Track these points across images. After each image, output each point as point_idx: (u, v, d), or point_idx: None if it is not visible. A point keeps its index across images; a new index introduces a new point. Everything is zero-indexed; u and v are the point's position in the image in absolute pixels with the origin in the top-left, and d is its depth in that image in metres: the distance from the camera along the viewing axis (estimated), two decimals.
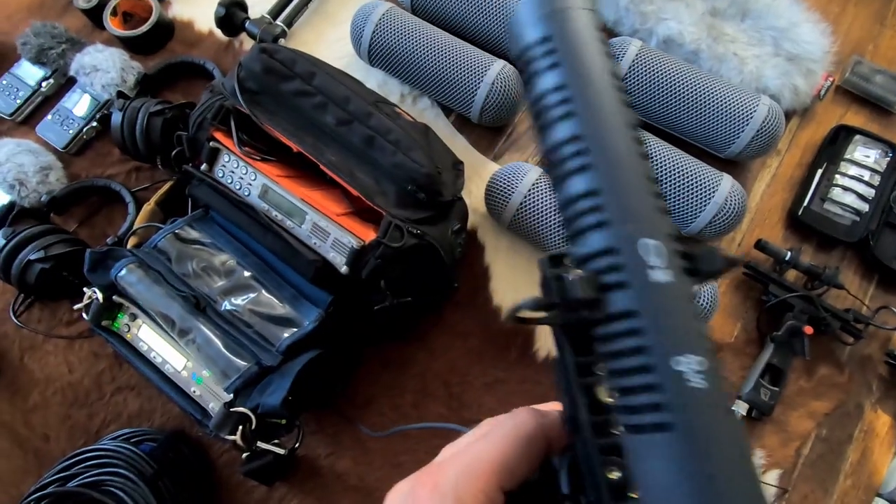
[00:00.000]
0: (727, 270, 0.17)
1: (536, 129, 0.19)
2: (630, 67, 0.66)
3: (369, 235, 0.52)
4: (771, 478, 0.59)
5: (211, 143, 0.56)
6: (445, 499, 0.17)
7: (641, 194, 0.17)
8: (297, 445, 0.54)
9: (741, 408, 0.60)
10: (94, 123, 0.72)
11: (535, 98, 0.19)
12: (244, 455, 0.51)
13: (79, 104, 0.73)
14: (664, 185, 0.61)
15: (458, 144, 0.73)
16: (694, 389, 0.15)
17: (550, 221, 0.60)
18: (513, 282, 0.66)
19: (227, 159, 0.56)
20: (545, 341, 0.64)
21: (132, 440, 0.58)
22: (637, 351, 0.16)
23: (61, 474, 0.54)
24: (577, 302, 0.16)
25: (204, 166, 0.57)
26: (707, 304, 0.56)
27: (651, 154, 0.61)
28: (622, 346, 0.16)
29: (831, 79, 0.73)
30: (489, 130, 0.73)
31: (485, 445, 0.18)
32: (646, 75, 0.66)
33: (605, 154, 0.17)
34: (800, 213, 0.68)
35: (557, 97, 0.18)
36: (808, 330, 0.60)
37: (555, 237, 0.60)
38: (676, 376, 0.15)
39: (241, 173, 0.56)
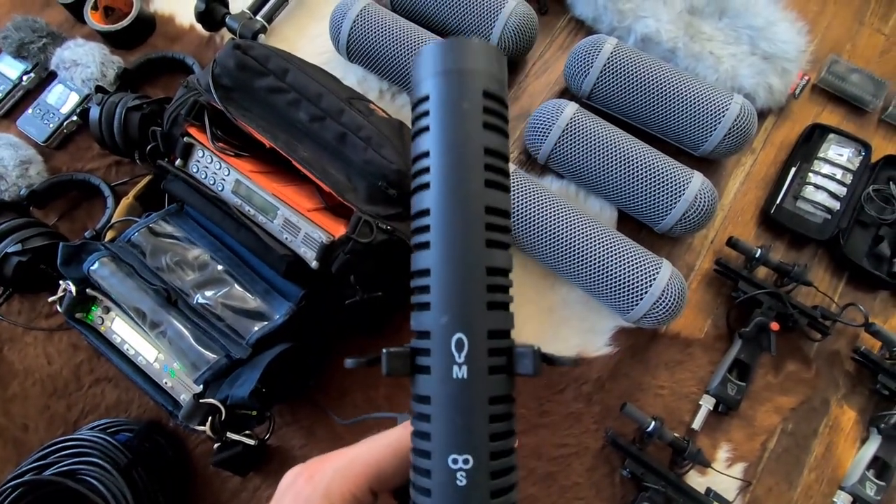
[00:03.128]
0: (538, 374, 0.18)
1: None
2: (604, 66, 0.66)
3: (340, 231, 0.52)
4: (736, 471, 0.60)
5: (185, 139, 0.57)
6: (316, 491, 0.19)
7: (471, 284, 0.17)
8: (267, 436, 0.55)
9: (708, 402, 0.61)
10: (75, 118, 0.73)
11: (411, 158, 0.19)
12: (215, 445, 0.52)
13: (59, 98, 0.73)
14: (636, 183, 0.62)
15: None
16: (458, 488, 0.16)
17: (520, 219, 0.60)
18: None
19: (200, 154, 0.57)
20: (514, 335, 0.65)
21: (109, 430, 0.59)
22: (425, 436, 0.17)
23: (38, 463, 0.55)
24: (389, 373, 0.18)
25: (178, 161, 0.58)
26: (674, 300, 0.57)
27: (622, 151, 0.62)
28: (416, 427, 0.18)
29: (807, 77, 0.74)
30: None
31: (363, 449, 0.21)
32: (620, 74, 0.66)
33: (445, 235, 0.17)
34: (772, 210, 0.69)
35: (422, 164, 0.17)
36: (775, 326, 0.61)
37: (525, 235, 0.61)
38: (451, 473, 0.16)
39: (214, 168, 0.56)
